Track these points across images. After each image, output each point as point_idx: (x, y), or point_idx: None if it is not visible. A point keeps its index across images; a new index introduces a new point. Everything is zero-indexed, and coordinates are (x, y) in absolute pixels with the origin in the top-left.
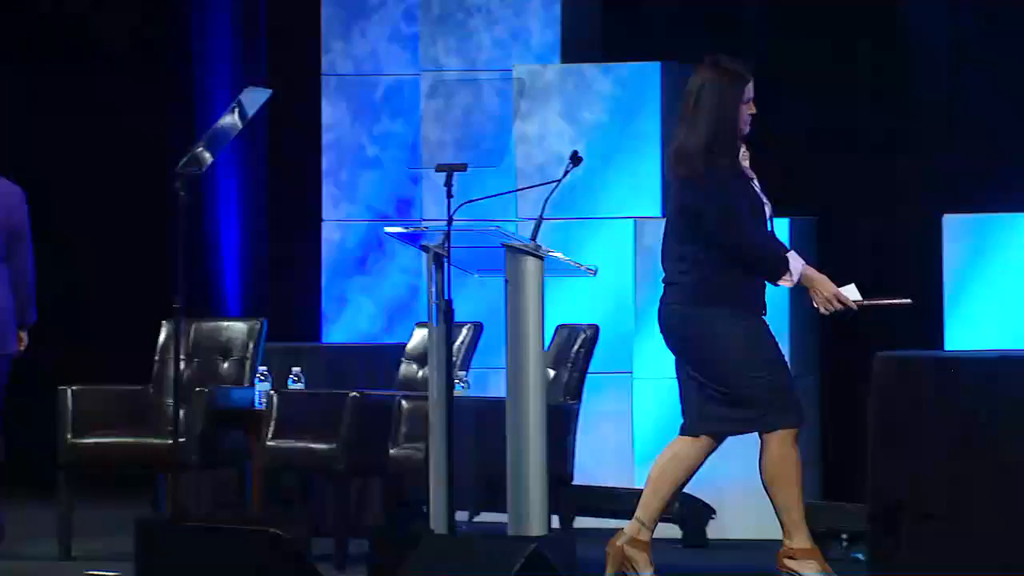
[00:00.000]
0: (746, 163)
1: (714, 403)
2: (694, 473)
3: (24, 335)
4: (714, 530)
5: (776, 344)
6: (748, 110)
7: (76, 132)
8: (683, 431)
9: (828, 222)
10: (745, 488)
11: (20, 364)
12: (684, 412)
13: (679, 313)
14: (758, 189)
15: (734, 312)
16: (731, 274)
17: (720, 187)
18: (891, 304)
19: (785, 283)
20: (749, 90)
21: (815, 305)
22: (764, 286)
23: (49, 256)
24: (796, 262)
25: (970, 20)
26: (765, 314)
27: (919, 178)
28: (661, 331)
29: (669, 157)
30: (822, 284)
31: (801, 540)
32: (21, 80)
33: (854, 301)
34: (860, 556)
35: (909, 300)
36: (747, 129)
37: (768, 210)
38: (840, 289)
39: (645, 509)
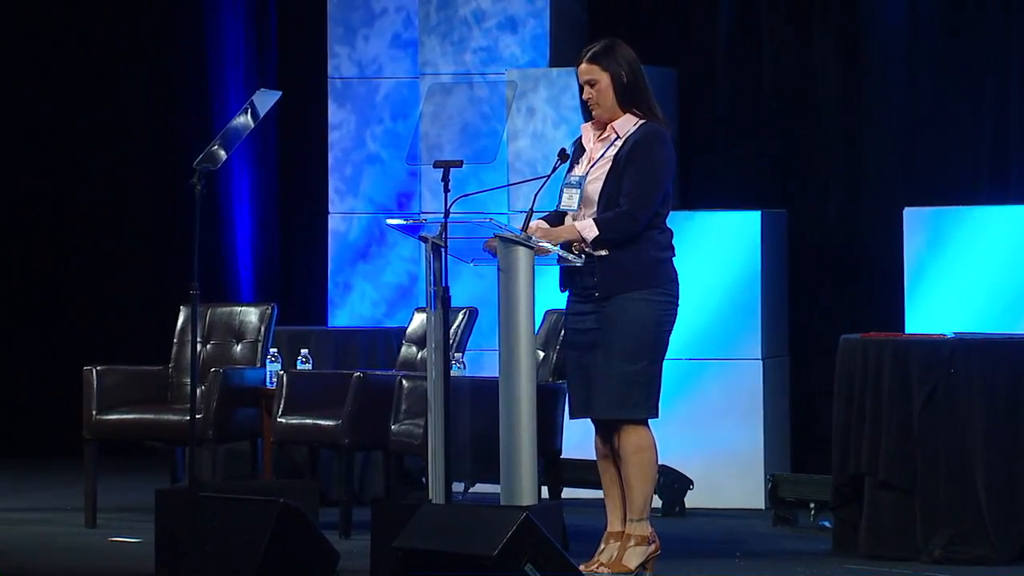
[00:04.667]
0: (611, 137)
1: None
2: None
3: None
4: (692, 499)
5: (569, 330)
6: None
7: (104, 130)
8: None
9: (798, 214)
10: (725, 459)
11: (48, 345)
12: None
13: None
14: (579, 163)
15: None
16: None
17: None
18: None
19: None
20: (579, 77)
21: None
22: (569, 269)
23: (78, 247)
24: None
25: (927, 16)
26: (573, 299)
27: (882, 174)
28: None
29: None
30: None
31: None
32: (49, 82)
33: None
34: (827, 523)
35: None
36: (593, 112)
37: (573, 179)
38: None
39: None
